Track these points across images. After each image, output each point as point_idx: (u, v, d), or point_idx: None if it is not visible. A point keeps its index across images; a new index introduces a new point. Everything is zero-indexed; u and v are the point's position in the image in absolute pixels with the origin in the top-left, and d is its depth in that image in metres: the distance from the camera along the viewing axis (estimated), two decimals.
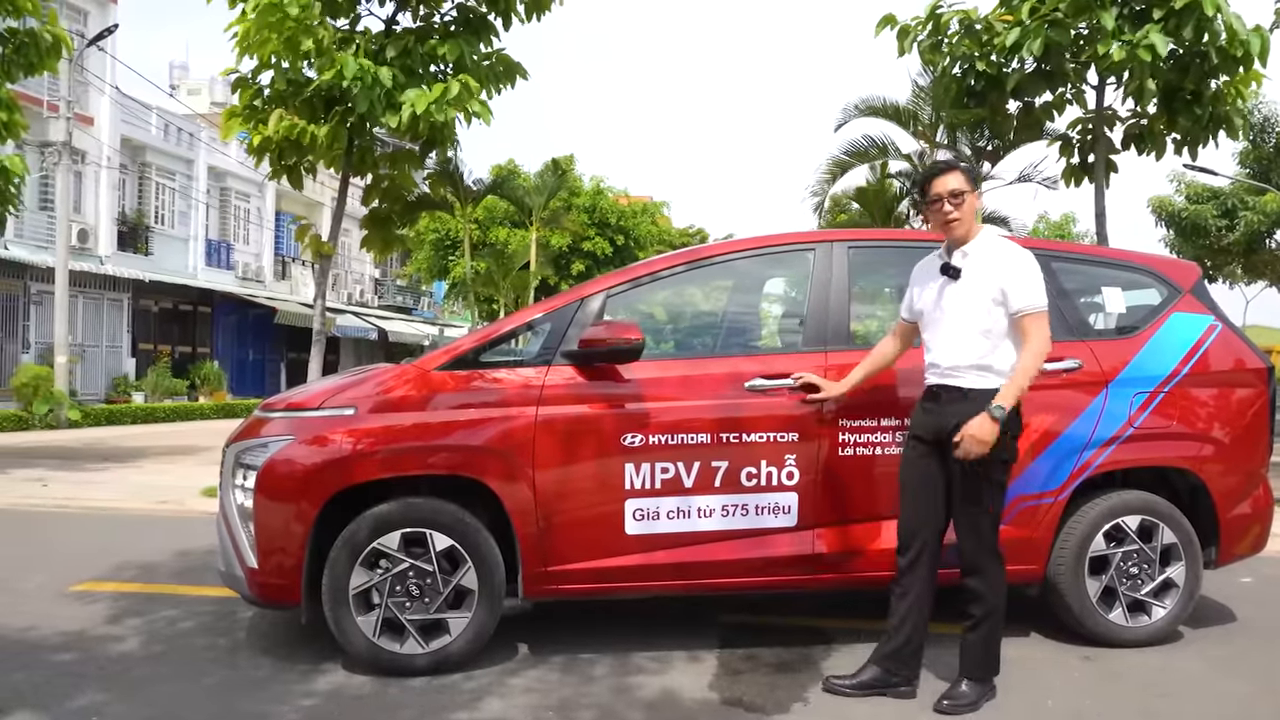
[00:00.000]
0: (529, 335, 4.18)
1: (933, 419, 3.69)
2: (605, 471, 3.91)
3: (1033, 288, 3.56)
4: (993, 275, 3.58)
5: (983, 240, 3.69)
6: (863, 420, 4.09)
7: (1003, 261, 3.60)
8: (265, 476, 3.79)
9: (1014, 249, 3.66)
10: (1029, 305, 3.55)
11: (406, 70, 8.28)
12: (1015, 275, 3.56)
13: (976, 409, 3.50)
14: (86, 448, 15.10)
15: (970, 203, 3.66)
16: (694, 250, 4.40)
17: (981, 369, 3.59)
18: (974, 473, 3.56)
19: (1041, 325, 3.55)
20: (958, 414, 3.56)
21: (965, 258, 3.67)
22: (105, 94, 24.59)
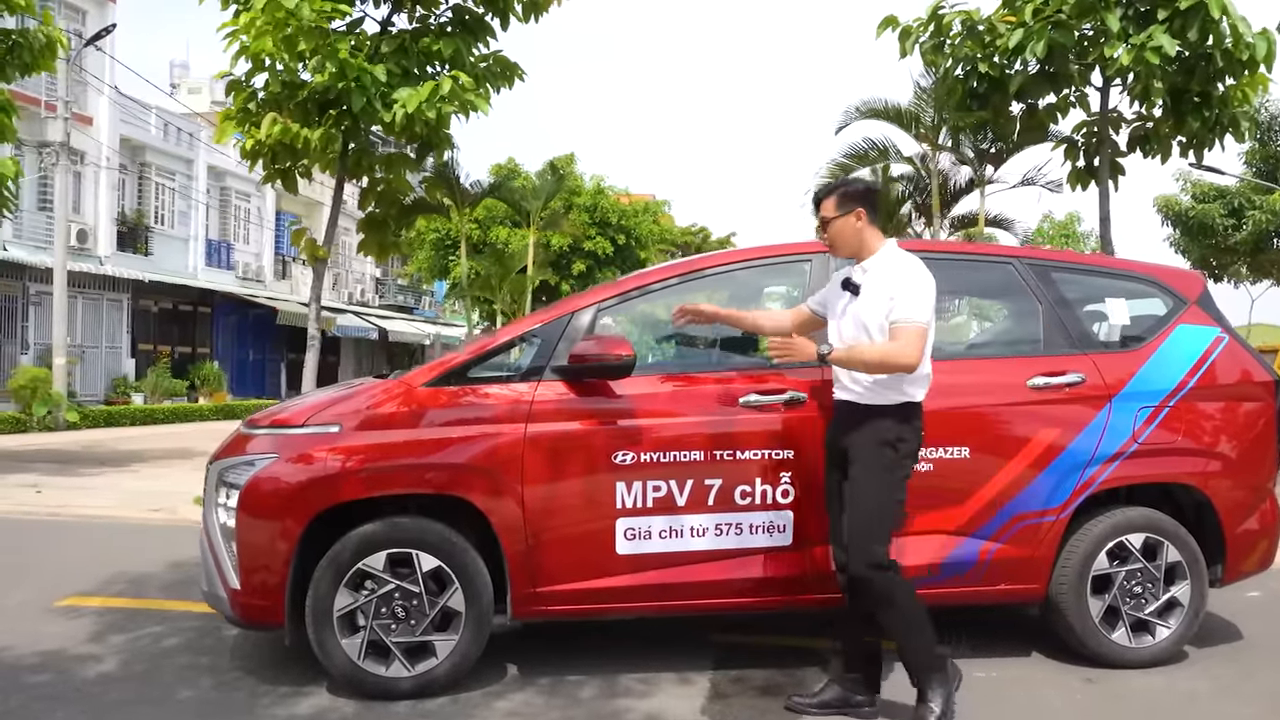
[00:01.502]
0: (518, 350, 4.08)
1: (835, 433, 3.70)
2: (596, 490, 3.82)
3: (915, 302, 3.49)
4: (885, 290, 3.53)
5: (881, 256, 3.64)
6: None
7: (894, 276, 3.55)
8: (248, 495, 3.70)
9: (908, 265, 3.59)
10: (904, 317, 3.48)
11: (402, 70, 8.18)
12: (901, 288, 3.51)
13: (873, 423, 3.52)
14: (84, 451, 15.04)
15: (845, 226, 3.63)
16: (688, 262, 4.30)
17: (879, 384, 3.54)
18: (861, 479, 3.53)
19: (910, 337, 3.46)
20: (856, 426, 3.56)
21: (864, 274, 3.63)
22: (104, 94, 24.49)
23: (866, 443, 3.54)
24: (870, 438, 3.54)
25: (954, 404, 4.07)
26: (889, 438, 3.52)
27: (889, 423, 3.53)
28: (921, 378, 3.58)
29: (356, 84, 7.78)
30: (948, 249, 5.09)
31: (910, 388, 3.55)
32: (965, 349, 4.74)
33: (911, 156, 15.78)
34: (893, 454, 3.53)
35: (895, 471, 3.55)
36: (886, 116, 14.73)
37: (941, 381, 4.07)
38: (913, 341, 3.45)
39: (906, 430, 3.56)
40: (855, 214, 3.64)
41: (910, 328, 3.47)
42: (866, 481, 3.54)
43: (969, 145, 13.46)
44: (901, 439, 3.54)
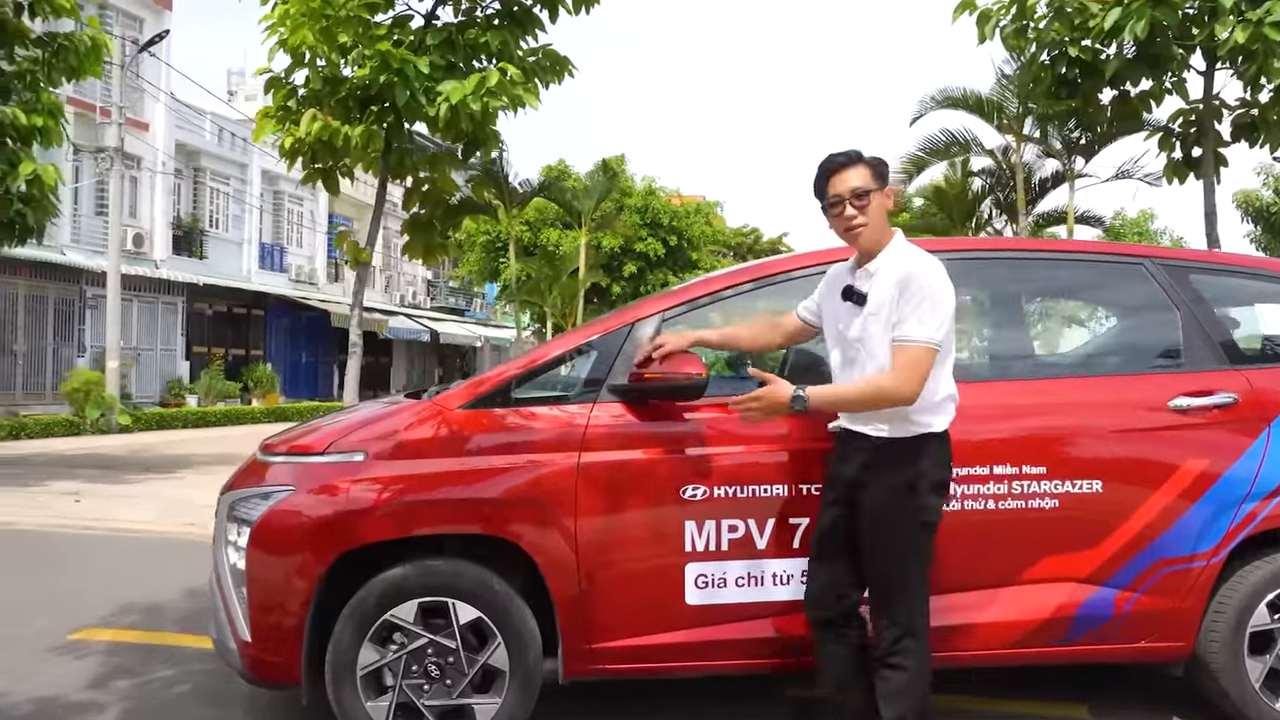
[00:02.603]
0: (570, 366, 3.55)
1: (839, 468, 3.11)
2: (661, 530, 3.27)
3: (924, 315, 2.86)
4: (895, 297, 2.91)
5: (892, 253, 3.00)
6: (971, 467, 3.39)
7: (905, 279, 2.91)
8: (261, 533, 3.22)
9: (922, 264, 2.94)
10: (908, 335, 2.87)
11: (447, 64, 7.74)
12: (907, 295, 2.88)
13: (883, 461, 2.96)
14: (131, 455, 14.88)
15: (878, 205, 2.99)
16: (761, 265, 3.71)
17: (895, 414, 2.95)
18: (884, 531, 2.98)
19: (911, 361, 2.85)
20: (866, 465, 3.00)
21: (871, 278, 3.00)
22: (160, 100, 24.58)
23: (879, 486, 2.98)
24: (882, 479, 2.98)
25: (1080, 427, 3.47)
26: (905, 478, 2.95)
27: (903, 460, 2.97)
28: (939, 404, 2.98)
29: (399, 77, 7.36)
30: (1066, 248, 4.42)
31: (927, 416, 2.96)
32: (1086, 363, 4.08)
33: (993, 149, 14.80)
34: (913, 498, 2.96)
35: (916, 517, 2.98)
36: (966, 106, 13.71)
37: (1064, 401, 3.49)
38: (913, 367, 2.85)
39: (926, 466, 2.97)
40: (886, 192, 3.03)
41: (913, 349, 2.86)
42: (885, 534, 2.98)
43: (1056, 136, 12.49)
44: (921, 476, 2.96)
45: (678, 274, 30.35)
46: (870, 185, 2.99)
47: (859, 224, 2.99)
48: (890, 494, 2.97)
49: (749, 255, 41.09)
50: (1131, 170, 13.57)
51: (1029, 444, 3.44)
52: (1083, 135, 11.71)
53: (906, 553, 2.99)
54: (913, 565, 3.01)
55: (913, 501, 2.96)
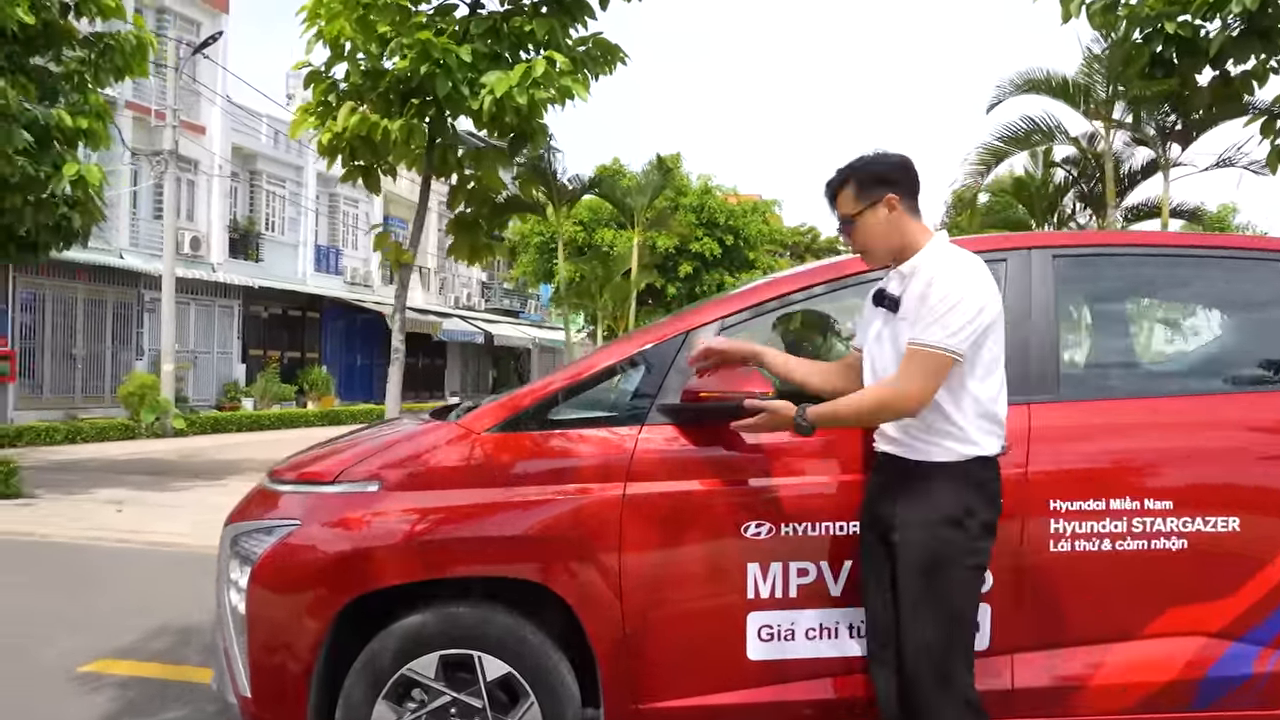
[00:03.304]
0: (616, 381, 3.09)
1: (873, 497, 2.73)
2: (719, 573, 2.81)
3: (945, 317, 2.50)
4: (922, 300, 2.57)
5: (925, 254, 2.65)
6: (1084, 501, 2.88)
7: (928, 280, 2.57)
8: (262, 574, 2.82)
9: (958, 264, 2.59)
10: (922, 339, 2.52)
11: (492, 54, 7.34)
12: (928, 298, 2.54)
13: (925, 491, 2.57)
14: (183, 460, 14.81)
15: (874, 222, 2.66)
16: (837, 265, 3.19)
17: (933, 431, 2.58)
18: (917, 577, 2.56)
19: (919, 368, 2.51)
20: (902, 493, 2.61)
21: (903, 281, 2.67)
22: (216, 103, 24.68)
23: (920, 520, 2.58)
24: (924, 513, 2.57)
25: (1215, 452, 2.95)
26: (952, 512, 2.56)
27: (949, 489, 2.57)
28: (982, 422, 2.58)
29: (441, 67, 6.97)
30: (1197, 242, 3.82)
31: (976, 434, 2.58)
32: (1219, 377, 3.50)
33: (1079, 136, 13.78)
34: (960, 536, 2.55)
35: (966, 559, 2.57)
36: (1049, 90, 12.72)
37: (1196, 421, 2.97)
38: (918, 373, 2.51)
39: (975, 498, 2.58)
40: (885, 202, 2.65)
41: (922, 354, 2.51)
42: (927, 578, 2.55)
43: (1150, 122, 11.58)
44: (970, 512, 2.56)
45: (734, 274, 29.81)
46: (855, 209, 2.66)
47: (857, 250, 2.76)
48: (925, 530, 2.56)
49: (806, 255, 40.40)
50: (1234, 158, 12.59)
51: (1151, 474, 2.93)
52: (1179, 120, 10.82)
53: (944, 603, 2.56)
54: (951, 620, 2.57)
55: (953, 540, 2.55)
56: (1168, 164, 11.84)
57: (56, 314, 20.75)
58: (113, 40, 11.35)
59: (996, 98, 13.46)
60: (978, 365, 2.57)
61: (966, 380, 2.56)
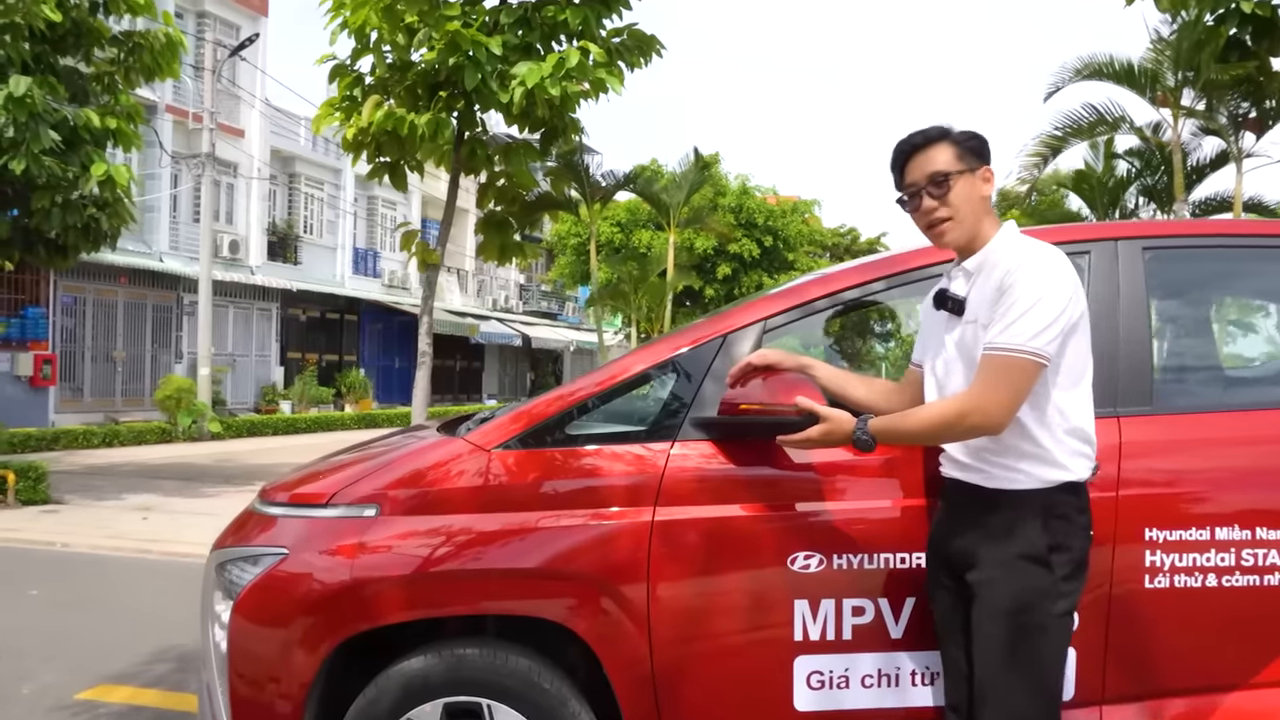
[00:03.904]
0: (642, 392, 2.73)
1: (941, 531, 2.36)
2: (762, 612, 2.44)
3: (1020, 317, 2.12)
4: (993, 298, 2.20)
5: (996, 247, 2.27)
6: (1184, 530, 2.49)
7: (1004, 275, 2.18)
8: (245, 607, 2.50)
9: (1030, 255, 2.20)
10: (1002, 342, 2.14)
11: (523, 45, 7.03)
12: (1005, 295, 2.16)
13: (1005, 524, 2.19)
14: (215, 465, 14.69)
15: (969, 191, 2.26)
16: (894, 259, 2.80)
17: (1011, 453, 2.21)
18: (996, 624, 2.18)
19: (999, 375, 2.13)
20: (975, 527, 2.24)
21: (970, 279, 2.29)
22: (255, 107, 24.70)
23: (997, 560, 2.21)
24: (1002, 551, 2.20)
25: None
26: (1036, 549, 2.18)
27: (1031, 523, 2.19)
28: (1072, 438, 2.21)
29: (470, 59, 6.67)
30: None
31: (1062, 456, 2.20)
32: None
33: (1140, 127, 12.91)
34: (1045, 578, 2.17)
35: (1053, 605, 2.18)
36: (1113, 76, 11.85)
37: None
38: (999, 383, 2.13)
39: (1063, 532, 2.19)
40: (984, 174, 2.28)
41: (1000, 359, 2.13)
42: (1008, 628, 2.17)
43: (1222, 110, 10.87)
44: (1057, 548, 2.18)
45: (773, 275, 29.33)
46: (955, 167, 2.24)
47: (940, 218, 2.27)
48: (1004, 572, 2.19)
49: (845, 256, 39.80)
50: None
51: (1262, 498, 2.53)
52: (1253, 107, 10.16)
53: (1029, 655, 2.17)
54: (1038, 673, 2.19)
55: (1038, 583, 2.17)
56: (1240, 154, 11.16)
57: (97, 317, 20.82)
58: (142, 39, 11.22)
59: (1055, 85, 12.63)
60: (1062, 373, 2.19)
61: (1050, 391, 2.19)
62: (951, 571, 2.30)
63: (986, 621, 2.20)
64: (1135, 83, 11.57)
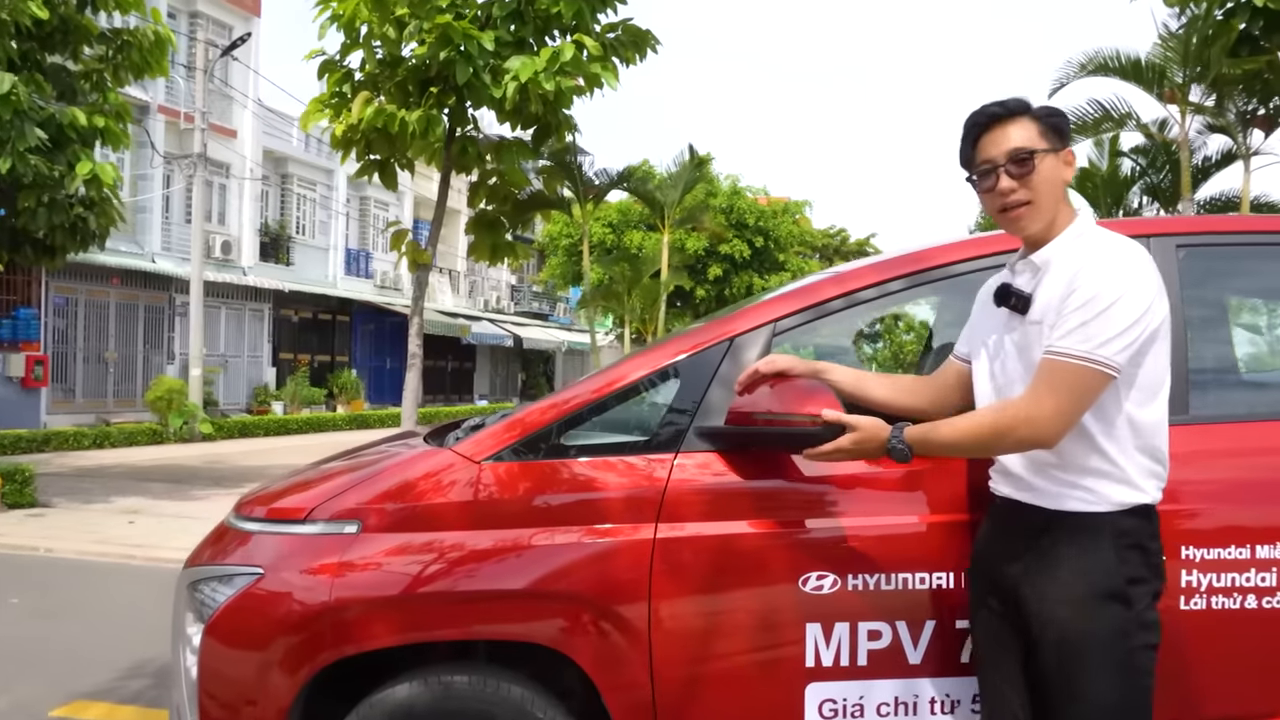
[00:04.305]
0: (643, 398, 2.56)
1: (991, 556, 2.13)
2: (771, 636, 2.28)
3: (1093, 320, 1.90)
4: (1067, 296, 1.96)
5: (1070, 239, 2.04)
6: (1222, 548, 2.32)
7: (1080, 271, 1.94)
8: (216, 633, 2.34)
9: (1107, 250, 1.97)
10: (1057, 347, 1.93)
11: (516, 39, 6.86)
12: (1081, 293, 1.92)
13: (1072, 553, 1.96)
14: (206, 466, 14.51)
15: (1052, 174, 2.04)
16: (914, 256, 2.59)
17: (1076, 470, 1.98)
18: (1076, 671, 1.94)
19: (1058, 383, 1.91)
20: (1035, 555, 2.01)
21: (1039, 274, 2.05)
22: (247, 107, 24.50)
23: (1066, 598, 1.97)
24: (1071, 588, 1.96)
25: None
26: (1111, 584, 1.94)
27: (1102, 552, 1.96)
28: (1146, 457, 1.99)
29: (461, 54, 6.50)
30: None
31: (1135, 475, 1.98)
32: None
33: (1147, 124, 12.62)
34: (1125, 615, 1.94)
35: (1128, 641, 1.95)
36: (1120, 72, 11.58)
37: None
38: (1059, 391, 1.90)
39: (1139, 562, 1.97)
40: (1066, 156, 2.08)
41: (1065, 366, 1.91)
42: (1085, 674, 1.94)
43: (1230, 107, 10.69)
44: (1135, 580, 1.96)
45: (764, 276, 29.20)
46: (1039, 144, 2.02)
47: (1018, 201, 2.03)
48: (1075, 611, 1.95)
49: (835, 256, 39.72)
50: None
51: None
52: (1261, 104, 9.97)
53: (1116, 699, 1.95)
54: (1129, 705, 1.97)
55: (1117, 622, 1.94)
56: (1248, 152, 10.96)
57: (89, 318, 20.63)
58: (131, 37, 11.04)
59: (1060, 80, 12.33)
60: (1137, 385, 1.98)
61: (1124, 404, 1.97)
62: (1002, 596, 2.10)
63: (1058, 669, 1.97)
64: (1142, 78, 11.32)
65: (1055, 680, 1.98)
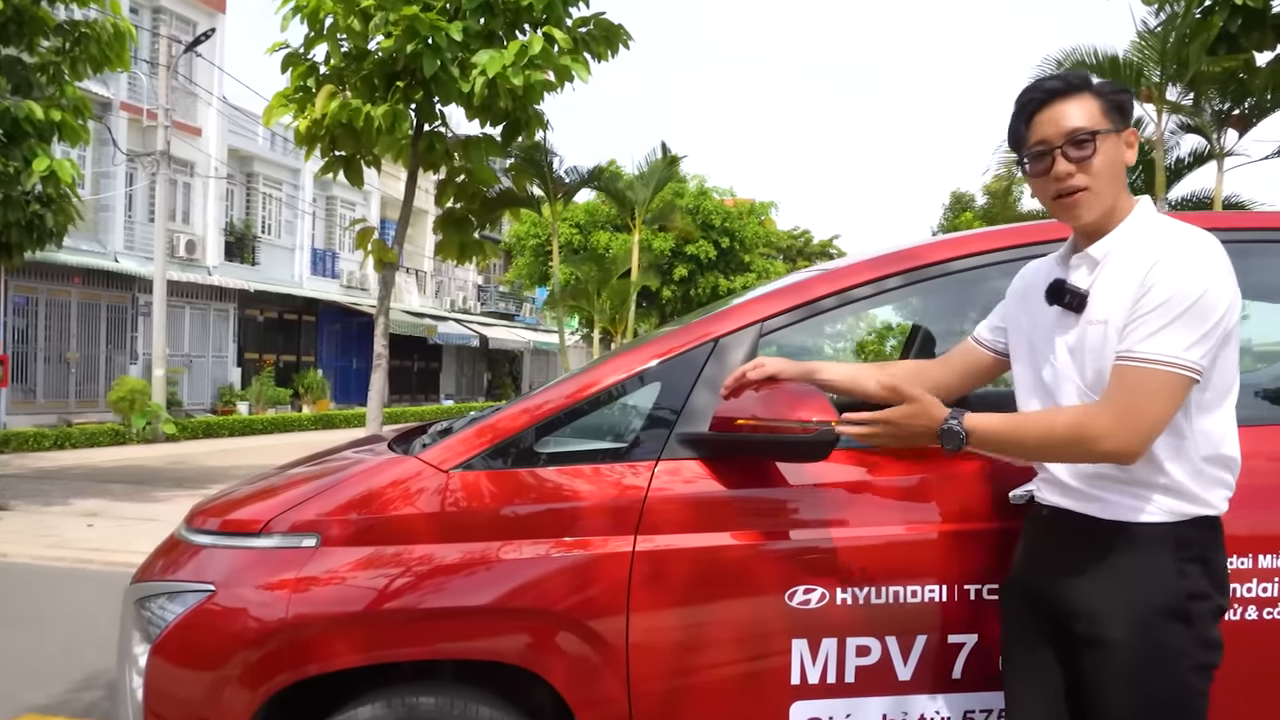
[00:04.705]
0: (621, 403, 2.43)
1: (1038, 570, 1.97)
2: (757, 653, 2.16)
3: (1177, 320, 1.73)
4: (1138, 293, 1.78)
5: (1131, 229, 1.87)
6: (1269, 556, 2.22)
7: (1149, 266, 1.77)
8: (165, 653, 2.19)
9: (1180, 240, 1.80)
10: (1138, 350, 1.75)
11: (486, 33, 6.71)
12: (1153, 292, 1.75)
13: (1130, 568, 1.81)
14: (169, 467, 14.23)
15: (1113, 157, 1.85)
16: (906, 254, 2.46)
17: (1138, 480, 1.82)
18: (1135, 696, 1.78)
19: (1143, 392, 1.73)
20: (1092, 568, 1.84)
21: (1096, 267, 1.88)
22: (212, 105, 24.11)
23: (1133, 613, 1.80)
24: (1138, 602, 1.80)
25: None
26: (1172, 600, 1.80)
27: (1164, 566, 1.81)
28: (1213, 466, 1.84)
29: (429, 46, 6.34)
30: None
31: (1199, 486, 1.83)
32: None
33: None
34: (1186, 635, 1.79)
35: (1190, 662, 1.80)
36: (1098, 70, 11.05)
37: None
38: (1142, 400, 1.74)
39: (1202, 576, 1.82)
40: (1128, 137, 1.91)
41: (1147, 373, 1.74)
42: (1146, 699, 1.79)
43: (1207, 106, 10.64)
44: (1196, 596, 1.80)
45: (729, 277, 29.19)
46: (1101, 125, 1.85)
47: (1075, 186, 1.86)
48: (1141, 631, 1.79)
49: (799, 258, 39.80)
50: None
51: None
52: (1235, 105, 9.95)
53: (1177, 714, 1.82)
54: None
55: (1178, 642, 1.79)
56: (1222, 152, 10.95)
57: (50, 318, 20.22)
58: (89, 29, 10.74)
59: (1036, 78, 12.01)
60: (1210, 390, 1.82)
61: (1192, 410, 1.82)
62: (1046, 615, 1.93)
63: (1116, 693, 1.81)
64: (1119, 76, 11.24)
65: (1098, 702, 1.84)
